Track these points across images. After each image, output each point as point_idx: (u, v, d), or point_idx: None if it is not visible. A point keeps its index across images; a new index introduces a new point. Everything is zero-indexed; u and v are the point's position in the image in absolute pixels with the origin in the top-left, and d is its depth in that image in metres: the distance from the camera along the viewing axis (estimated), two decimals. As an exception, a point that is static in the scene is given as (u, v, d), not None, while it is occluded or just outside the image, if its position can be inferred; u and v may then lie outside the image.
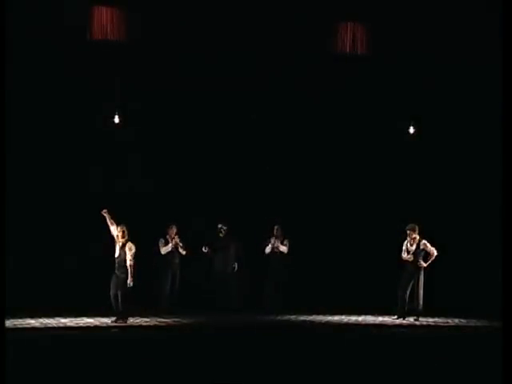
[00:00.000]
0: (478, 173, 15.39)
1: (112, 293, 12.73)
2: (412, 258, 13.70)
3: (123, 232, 12.73)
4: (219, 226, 14.66)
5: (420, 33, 14.62)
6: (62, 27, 13.52)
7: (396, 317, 13.80)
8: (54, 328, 12.16)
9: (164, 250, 14.24)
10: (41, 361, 8.90)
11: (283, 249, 14.72)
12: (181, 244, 14.21)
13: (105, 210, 12.76)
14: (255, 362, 9.00)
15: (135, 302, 13.38)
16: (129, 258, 12.61)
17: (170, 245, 14.22)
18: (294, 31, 14.42)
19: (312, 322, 13.34)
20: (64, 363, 8.75)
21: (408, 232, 13.73)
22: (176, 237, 14.23)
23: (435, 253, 13.70)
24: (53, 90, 14.33)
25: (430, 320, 13.72)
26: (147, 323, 12.88)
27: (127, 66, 14.19)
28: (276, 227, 14.73)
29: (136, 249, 12.69)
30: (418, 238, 13.71)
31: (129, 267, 12.60)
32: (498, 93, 12.84)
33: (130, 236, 12.78)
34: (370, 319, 13.75)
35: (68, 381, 7.91)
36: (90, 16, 13.70)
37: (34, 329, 12.00)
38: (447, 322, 13.60)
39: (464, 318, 13.84)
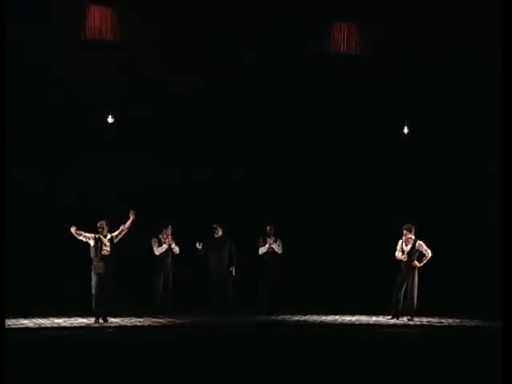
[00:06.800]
0: (473, 173, 15.44)
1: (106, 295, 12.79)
2: (407, 258, 13.72)
3: (103, 228, 12.83)
4: (214, 225, 14.65)
5: (415, 33, 14.66)
6: (58, 26, 13.53)
7: (390, 317, 13.81)
8: (47, 328, 12.15)
9: (158, 251, 14.21)
10: (35, 361, 8.89)
11: (277, 249, 14.73)
12: (173, 242, 14.18)
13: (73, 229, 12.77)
14: (251, 361, 9.00)
15: (130, 302, 13.48)
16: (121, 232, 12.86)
17: (165, 245, 14.20)
18: (289, 32, 14.44)
19: (306, 322, 13.36)
20: (58, 363, 8.73)
21: (404, 232, 13.74)
22: (171, 237, 14.20)
23: (430, 254, 13.71)
24: (49, 89, 14.32)
25: (424, 320, 13.74)
26: (141, 323, 12.88)
27: (122, 66, 14.21)
28: (269, 227, 14.72)
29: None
30: (413, 238, 13.73)
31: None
32: (493, 91, 12.92)
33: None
34: (363, 319, 13.77)
35: (62, 381, 7.90)
36: (84, 15, 13.71)
37: (27, 329, 11.98)
38: (441, 322, 13.62)
39: (458, 318, 13.86)
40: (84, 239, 12.86)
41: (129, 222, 12.95)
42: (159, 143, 15.21)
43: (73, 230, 12.76)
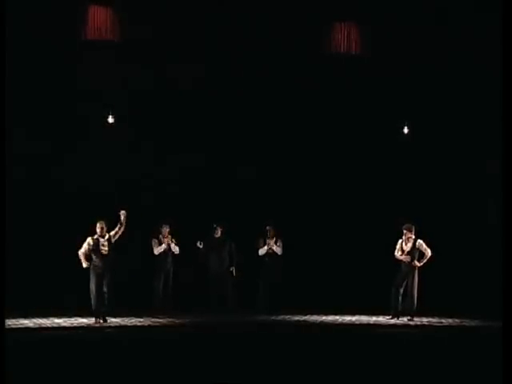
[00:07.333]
0: (473, 173, 15.43)
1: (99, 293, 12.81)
2: (409, 259, 13.71)
3: (102, 229, 12.85)
4: (214, 225, 14.65)
5: (414, 33, 14.65)
6: (57, 27, 13.54)
7: (390, 317, 13.81)
8: (47, 328, 12.16)
9: (157, 251, 14.21)
10: (35, 361, 8.89)
11: (277, 250, 14.71)
12: (174, 241, 14.18)
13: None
14: (251, 361, 9.00)
15: (129, 302, 13.48)
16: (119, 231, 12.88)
17: (163, 245, 14.20)
18: (289, 32, 14.43)
19: (306, 322, 13.36)
20: (58, 363, 8.74)
21: (404, 231, 13.75)
22: (169, 236, 14.21)
23: (430, 253, 13.72)
24: (48, 89, 14.33)
25: (424, 320, 13.74)
26: (141, 323, 12.88)
27: (121, 66, 14.22)
28: (268, 228, 14.70)
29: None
30: (413, 237, 13.74)
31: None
32: (493, 92, 12.92)
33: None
34: (364, 319, 13.77)
35: (62, 381, 7.90)
36: (84, 15, 13.72)
37: (27, 329, 11.99)
38: (441, 322, 13.62)
39: (458, 318, 13.86)
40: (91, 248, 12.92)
41: (121, 222, 12.92)
42: (159, 143, 15.22)
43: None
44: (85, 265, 12.80)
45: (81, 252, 12.86)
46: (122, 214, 12.87)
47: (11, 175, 12.30)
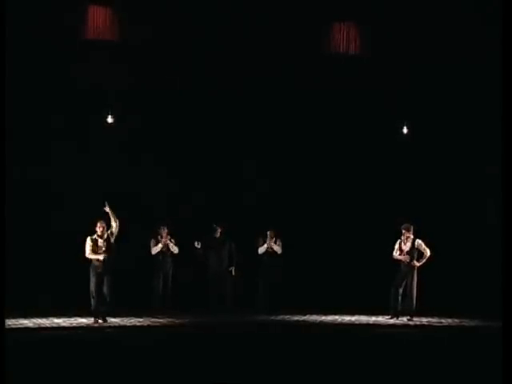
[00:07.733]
0: (473, 173, 15.44)
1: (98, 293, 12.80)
2: (408, 258, 13.72)
3: (103, 228, 12.82)
4: (213, 225, 14.66)
5: (414, 33, 14.66)
6: (57, 27, 13.54)
7: (389, 317, 13.82)
8: (47, 328, 12.16)
9: (154, 251, 14.22)
10: (35, 361, 8.89)
11: (277, 249, 14.73)
12: (173, 241, 14.18)
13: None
14: (251, 361, 9.00)
15: (129, 302, 13.48)
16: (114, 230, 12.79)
17: (160, 245, 14.20)
18: (288, 32, 14.44)
19: (306, 322, 13.36)
20: (58, 363, 8.74)
21: (403, 231, 13.77)
22: (168, 237, 14.21)
23: (428, 253, 13.73)
24: (48, 89, 14.34)
25: (424, 320, 13.75)
26: (141, 323, 12.89)
27: (121, 66, 14.22)
28: (269, 232, 14.70)
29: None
30: (412, 237, 13.75)
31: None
32: (493, 91, 12.93)
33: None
34: (363, 319, 13.78)
35: (62, 381, 7.90)
36: (84, 15, 13.73)
37: (27, 329, 11.99)
38: (441, 322, 13.63)
39: (457, 318, 13.87)
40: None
41: (111, 217, 12.89)
42: (159, 143, 15.23)
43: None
44: (101, 257, 12.75)
45: (88, 254, 12.82)
46: (106, 205, 12.81)
47: (10, 175, 12.29)
